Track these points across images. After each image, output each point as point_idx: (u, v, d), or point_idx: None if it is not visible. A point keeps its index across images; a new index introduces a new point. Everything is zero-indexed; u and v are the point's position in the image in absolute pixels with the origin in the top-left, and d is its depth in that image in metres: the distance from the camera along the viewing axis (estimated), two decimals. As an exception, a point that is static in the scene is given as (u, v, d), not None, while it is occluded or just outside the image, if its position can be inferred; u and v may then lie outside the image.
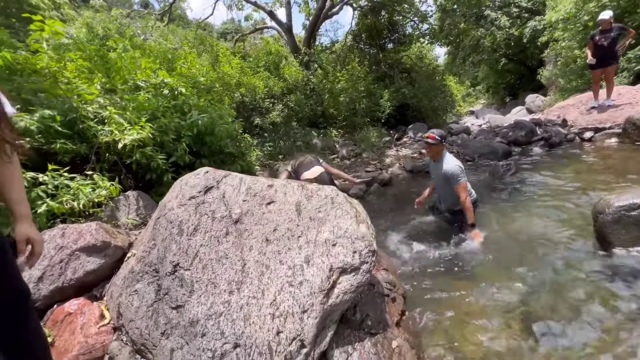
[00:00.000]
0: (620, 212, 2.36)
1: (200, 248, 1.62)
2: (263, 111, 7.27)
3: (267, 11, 10.42)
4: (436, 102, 10.48)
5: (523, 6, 14.62)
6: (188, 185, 1.81)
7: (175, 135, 3.23)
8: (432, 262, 2.77)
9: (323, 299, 1.56)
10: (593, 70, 6.11)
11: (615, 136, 5.30)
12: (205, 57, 8.76)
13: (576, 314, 1.91)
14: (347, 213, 1.82)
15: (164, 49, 5.21)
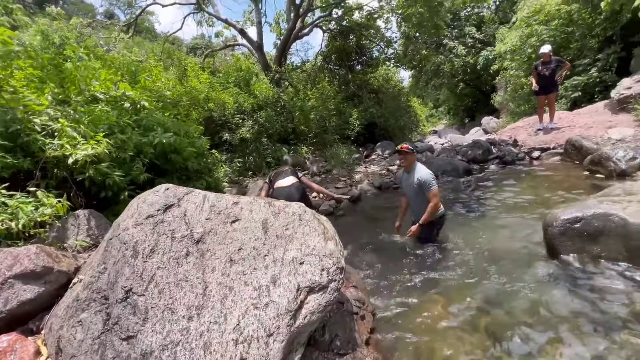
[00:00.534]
0: (566, 225, 2.57)
1: (157, 271, 1.51)
2: (232, 127, 7.16)
3: (238, 29, 10.49)
4: (402, 122, 11.00)
5: (476, 37, 16.12)
6: (146, 203, 1.70)
7: (135, 152, 3.06)
8: (401, 277, 2.81)
9: (290, 321, 1.50)
10: (537, 96, 6.84)
11: (559, 155, 5.87)
12: (173, 71, 8.56)
13: (534, 322, 2.01)
14: (315, 230, 1.80)
15: (128, 61, 5.01)
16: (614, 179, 4.03)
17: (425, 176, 3.01)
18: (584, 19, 8.03)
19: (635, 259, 2.33)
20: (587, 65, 8.05)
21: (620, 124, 5.90)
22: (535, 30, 9.02)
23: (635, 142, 5.08)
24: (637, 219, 2.35)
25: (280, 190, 3.34)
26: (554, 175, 4.99)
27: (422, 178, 3.01)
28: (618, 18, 7.02)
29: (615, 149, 4.44)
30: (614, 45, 7.62)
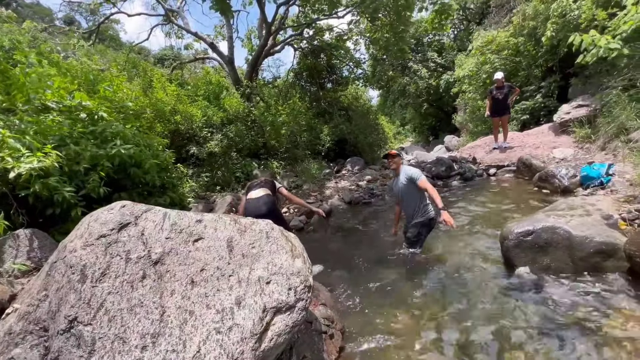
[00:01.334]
0: (519, 238, 2.75)
1: (107, 296, 1.38)
2: (200, 140, 6.95)
3: (209, 43, 10.40)
4: (371, 138, 11.36)
5: (438, 62, 17.35)
6: (98, 222, 1.57)
7: (89, 164, 2.85)
8: (371, 294, 2.82)
9: (255, 345, 1.44)
10: (493, 118, 7.44)
11: (512, 172, 6.35)
12: (138, 81, 8.22)
13: (495, 332, 2.10)
14: (283, 248, 1.76)
15: (86, 69, 4.74)
16: (559, 194, 4.43)
17: (412, 170, 3.25)
18: (529, 50, 8.96)
19: (578, 268, 2.54)
20: (533, 91, 8.93)
21: (563, 145, 6.55)
22: (489, 58, 9.90)
23: (575, 161, 5.65)
24: (579, 231, 2.58)
25: (249, 203, 3.25)
26: (508, 190, 5.37)
27: (410, 172, 3.23)
28: (557, 51, 7.91)
29: (559, 167, 4.89)
30: (554, 75, 8.56)
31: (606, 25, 5.70)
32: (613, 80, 6.16)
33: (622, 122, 5.22)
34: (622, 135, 5.16)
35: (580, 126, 6.39)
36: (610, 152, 5.25)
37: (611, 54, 5.11)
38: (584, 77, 7.47)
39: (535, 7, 8.37)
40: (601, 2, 6.22)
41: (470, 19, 16.80)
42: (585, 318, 2.08)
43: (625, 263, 2.39)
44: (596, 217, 2.82)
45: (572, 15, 6.73)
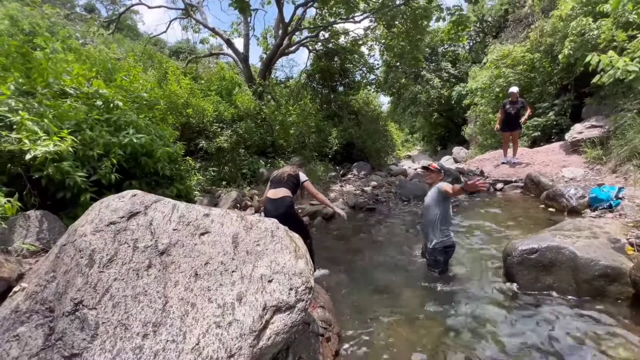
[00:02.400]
0: (523, 255, 2.73)
1: (113, 282, 1.41)
2: (210, 135, 7.01)
3: (225, 39, 10.51)
4: (379, 144, 11.34)
5: (451, 73, 17.28)
6: (109, 208, 1.60)
7: (102, 151, 2.90)
8: (370, 299, 2.81)
9: (253, 342, 1.45)
10: (503, 132, 7.37)
11: (519, 188, 6.29)
12: (152, 73, 8.34)
13: (492, 348, 2.08)
14: (287, 247, 1.78)
15: (105, 58, 4.83)
16: (566, 214, 4.38)
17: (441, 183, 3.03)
18: (544, 67, 8.89)
19: (581, 291, 2.51)
20: (546, 108, 8.84)
21: (573, 164, 6.48)
22: (503, 72, 9.83)
23: (585, 181, 5.58)
24: (585, 253, 2.55)
25: (268, 201, 3.18)
26: (514, 206, 5.32)
27: (439, 185, 3.03)
28: (573, 70, 7.83)
29: (568, 186, 4.84)
30: (569, 93, 8.47)
31: (625, 47, 5.63)
32: (629, 103, 6.08)
33: (636, 145, 5.14)
34: (634, 159, 5.09)
35: (592, 147, 6.32)
36: (621, 175, 5.17)
37: (629, 76, 5.05)
38: (599, 98, 7.37)
39: (553, 24, 8.30)
40: (621, 24, 6.15)
41: (487, 31, 16.72)
42: (585, 342, 2.06)
43: (630, 289, 2.36)
44: (603, 240, 2.79)
45: (591, 34, 6.65)
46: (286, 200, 3.10)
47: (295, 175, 3.28)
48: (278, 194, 3.13)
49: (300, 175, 3.32)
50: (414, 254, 3.64)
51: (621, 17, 6.10)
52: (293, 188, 3.24)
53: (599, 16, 6.72)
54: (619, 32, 6.00)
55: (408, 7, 8.71)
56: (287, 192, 3.16)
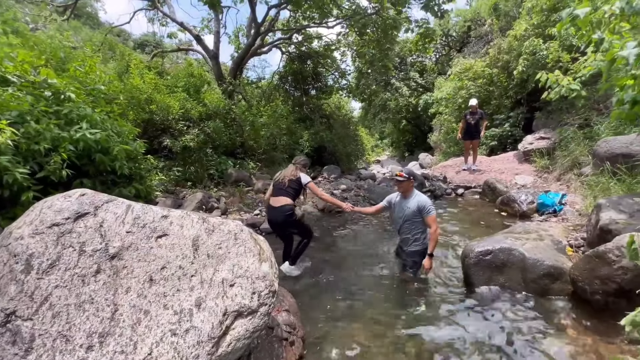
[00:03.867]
0: (479, 257, 2.90)
1: (54, 290, 1.28)
2: (175, 133, 6.70)
3: (194, 35, 10.13)
4: (349, 148, 11.54)
5: (419, 82, 18.11)
6: (52, 209, 1.46)
7: (50, 146, 2.66)
8: (336, 301, 2.83)
9: (212, 349, 1.39)
10: (464, 140, 7.85)
11: (478, 194, 6.71)
12: (113, 65, 7.83)
13: (451, 344, 2.18)
14: (251, 250, 1.73)
15: (57, 45, 4.44)
16: (517, 218, 4.73)
17: (425, 201, 3.02)
18: (501, 82, 9.61)
19: (529, 288, 2.71)
20: (502, 120, 9.56)
21: (524, 172, 7.04)
22: (465, 84, 10.49)
23: (534, 188, 6.08)
24: (532, 254, 2.76)
25: (269, 208, 3.25)
26: (473, 210, 5.66)
27: (423, 203, 3.00)
28: (526, 85, 8.55)
29: (519, 193, 5.25)
30: (522, 107, 9.23)
31: (569, 68, 6.25)
32: (571, 118, 6.75)
33: (576, 156, 5.71)
34: (575, 168, 5.64)
35: (540, 156, 6.91)
36: (564, 183, 5.71)
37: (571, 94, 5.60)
38: (547, 112, 8.11)
39: (509, 43, 9.01)
40: (566, 46, 6.82)
41: (451, 45, 17.74)
42: (529, 336, 2.23)
43: (570, 287, 2.59)
44: (547, 242, 3.04)
45: (541, 54, 7.31)
46: (285, 209, 3.14)
47: (297, 180, 3.24)
48: (278, 202, 3.17)
49: (302, 178, 3.26)
50: (380, 257, 3.72)
51: (566, 41, 6.77)
52: (294, 194, 3.25)
53: (548, 38, 7.41)
54: (564, 54, 6.65)
55: (379, 17, 8.99)
56: (287, 200, 3.17)
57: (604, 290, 2.25)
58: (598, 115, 6.31)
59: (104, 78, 4.20)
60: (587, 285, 2.35)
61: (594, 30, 2.76)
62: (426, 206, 2.99)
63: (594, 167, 4.82)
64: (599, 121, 5.92)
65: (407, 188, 3.14)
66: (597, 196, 3.76)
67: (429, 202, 3.03)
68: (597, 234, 2.78)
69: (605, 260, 2.24)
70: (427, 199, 3.09)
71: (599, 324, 2.21)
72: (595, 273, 2.30)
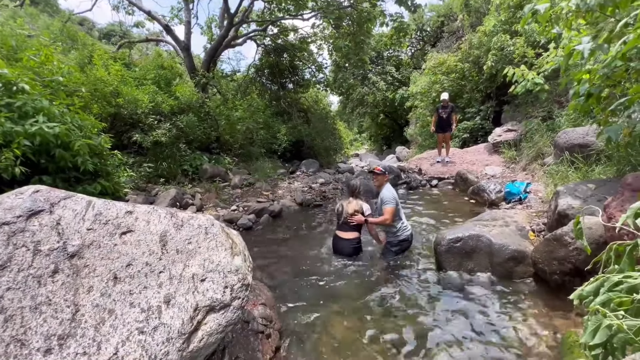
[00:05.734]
0: (450, 244, 3.02)
1: (5, 293, 1.20)
2: (145, 128, 6.40)
3: (163, 24, 9.67)
4: (327, 142, 11.55)
5: (395, 77, 18.38)
6: (2, 207, 1.36)
7: (2, 141, 2.46)
8: (313, 294, 2.85)
9: (182, 345, 1.36)
10: (437, 134, 8.09)
11: (451, 184, 6.96)
12: (74, 55, 7.33)
13: (425, 328, 2.26)
14: (222, 245, 1.70)
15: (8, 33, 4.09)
16: (487, 206, 4.96)
17: (386, 194, 3.29)
18: (472, 76, 9.95)
19: (496, 272, 2.86)
20: (474, 113, 9.93)
21: (493, 163, 7.37)
22: (439, 78, 10.77)
23: (502, 178, 6.39)
24: (498, 240, 2.91)
25: (338, 239, 3.47)
26: (446, 200, 5.87)
27: (383, 195, 3.30)
28: (495, 80, 8.91)
29: (489, 182, 5.49)
30: (491, 101, 9.62)
31: (533, 63, 6.57)
32: (536, 111, 7.12)
33: (540, 147, 6.05)
34: (539, 158, 5.98)
35: (508, 148, 7.26)
36: (529, 173, 6.04)
37: (535, 88, 5.91)
38: (514, 106, 8.51)
39: (479, 38, 9.32)
40: (531, 42, 7.16)
41: (426, 40, 18.11)
42: (494, 315, 2.36)
43: (531, 269, 2.76)
44: (512, 228, 3.22)
45: (508, 50, 7.63)
46: (354, 242, 3.42)
47: (361, 212, 3.44)
48: (347, 235, 3.42)
49: (364, 209, 3.46)
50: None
51: (530, 37, 7.10)
52: (359, 227, 3.48)
53: (515, 34, 7.73)
54: (529, 50, 6.98)
55: (354, 10, 8.99)
56: (355, 234, 3.43)
57: (561, 270, 2.41)
58: (559, 108, 6.71)
59: (63, 69, 3.92)
60: (546, 266, 2.52)
61: (553, 25, 2.92)
62: (385, 198, 3.26)
63: (555, 157, 5.13)
64: (560, 114, 6.30)
65: (381, 182, 3.40)
66: (557, 184, 4.01)
67: (389, 195, 3.27)
68: (555, 219, 2.97)
69: (562, 242, 2.40)
70: (389, 193, 3.30)
71: (556, 301, 2.38)
72: (553, 255, 2.47)
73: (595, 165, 3.86)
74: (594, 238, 2.22)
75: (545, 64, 5.84)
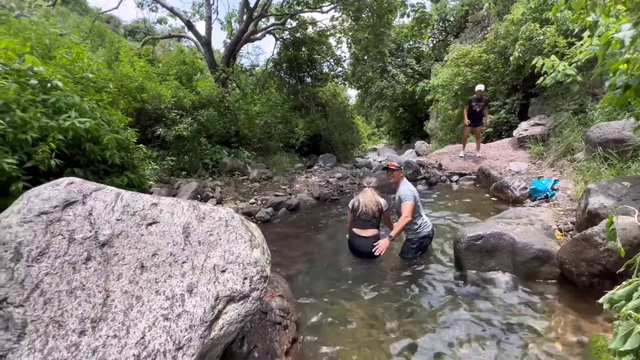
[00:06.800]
0: (470, 242, 2.95)
1: (45, 277, 1.29)
2: (168, 122, 6.62)
3: (185, 20, 9.87)
4: (345, 137, 11.48)
5: (415, 69, 17.91)
6: (40, 197, 1.46)
7: (39, 135, 2.62)
8: (329, 288, 2.87)
9: (204, 332, 1.42)
10: (466, 127, 7.73)
11: (472, 180, 6.75)
12: (102, 52, 7.64)
13: (442, 326, 2.24)
14: (242, 237, 1.75)
15: (42, 32, 4.32)
16: (510, 204, 4.79)
17: (404, 191, 3.18)
18: (498, 68, 9.53)
19: (518, 271, 2.77)
20: (498, 106, 9.52)
21: (518, 159, 7.07)
22: (462, 70, 10.39)
23: (528, 174, 6.12)
24: (522, 238, 2.81)
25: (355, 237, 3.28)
26: (467, 197, 5.71)
27: (401, 191, 3.20)
28: (522, 71, 8.49)
29: (513, 179, 5.29)
30: (518, 93, 9.18)
31: (565, 53, 6.20)
32: (566, 104, 6.74)
33: (570, 142, 5.74)
34: (568, 154, 5.68)
35: (535, 143, 6.93)
36: (557, 169, 5.75)
37: (566, 80, 5.58)
38: (543, 98, 8.08)
39: (507, 28, 8.88)
40: (563, 31, 6.75)
41: (448, 31, 17.47)
42: (516, 316, 2.29)
43: (557, 269, 2.65)
44: (537, 226, 3.09)
45: (538, 39, 7.23)
46: (372, 240, 3.19)
47: (379, 208, 3.29)
48: (366, 233, 3.24)
49: (382, 204, 3.32)
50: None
51: (562, 25, 6.69)
52: (378, 223, 3.33)
53: (545, 22, 7.31)
54: (560, 39, 6.58)
55: (374, 1, 8.80)
56: (374, 231, 3.26)
57: (590, 272, 2.30)
58: (593, 100, 6.31)
59: (92, 66, 4.10)
60: (574, 267, 2.41)
61: (588, 12, 2.74)
62: (402, 195, 3.15)
63: (586, 152, 4.85)
64: (593, 107, 5.93)
65: (398, 178, 3.31)
66: (588, 181, 3.80)
67: (407, 192, 3.16)
68: (585, 218, 2.82)
69: (592, 242, 2.29)
70: (407, 189, 3.20)
71: (583, 304, 2.27)
72: (581, 255, 2.35)
73: (632, 162, 3.63)
74: (627, 239, 2.10)
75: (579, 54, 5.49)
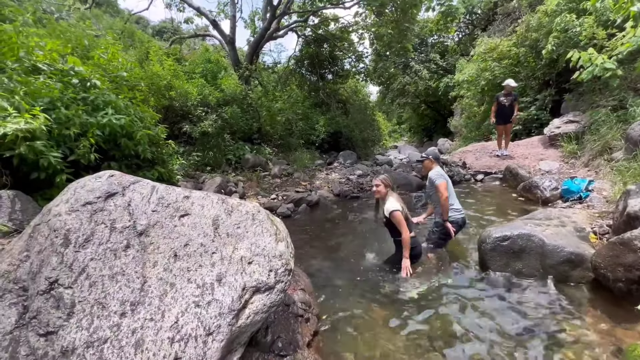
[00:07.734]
0: (496, 242, 2.86)
1: (90, 262, 1.40)
2: (194, 119, 6.86)
3: (211, 19, 10.14)
4: (366, 134, 11.41)
5: (440, 64, 17.41)
6: (85, 189, 1.57)
7: (80, 130, 2.81)
8: (350, 283, 2.90)
9: (232, 320, 1.48)
10: (497, 125, 7.41)
11: (498, 180, 6.51)
12: (134, 52, 8.00)
13: (464, 328, 2.21)
14: (267, 230, 1.80)
15: (81, 34, 4.59)
16: (540, 204, 4.58)
17: (433, 174, 3.32)
18: (529, 62, 9.08)
19: (547, 275, 2.66)
20: (528, 103, 9.09)
21: (549, 158, 6.73)
22: (489, 65, 9.99)
23: (559, 174, 5.82)
24: (552, 240, 2.70)
25: None
26: (492, 197, 5.52)
27: (431, 176, 3.33)
28: (555, 65, 8.04)
29: (543, 179, 5.05)
30: (550, 89, 8.71)
31: (604, 45, 5.81)
32: (604, 100, 6.33)
33: (607, 141, 5.39)
34: (605, 153, 5.34)
35: (568, 141, 6.57)
36: (592, 169, 5.43)
37: (605, 74, 5.23)
38: (578, 94, 7.62)
39: (539, 19, 8.43)
40: (602, 22, 6.32)
41: (475, 24, 16.81)
42: (545, 320, 2.21)
43: (590, 274, 2.52)
44: (569, 228, 2.95)
45: (574, 31, 6.82)
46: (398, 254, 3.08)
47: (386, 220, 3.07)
48: None
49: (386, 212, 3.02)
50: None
51: (602, 15, 6.27)
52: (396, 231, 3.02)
53: (582, 13, 6.87)
54: (599, 30, 6.17)
55: (398, -5, 8.64)
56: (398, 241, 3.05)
57: (627, 277, 2.18)
58: (635, 96, 5.88)
59: (125, 65, 4.32)
60: (610, 272, 2.29)
61: (632, 2, 2.56)
62: (432, 177, 3.30)
63: (626, 151, 4.55)
64: (635, 102, 5.53)
65: (429, 167, 3.45)
66: (627, 182, 3.57)
67: (436, 174, 3.30)
68: (623, 221, 2.66)
69: (631, 247, 2.16)
70: (436, 173, 3.32)
71: (619, 311, 2.16)
72: (619, 260, 2.23)
73: (678, 162, 3.37)
74: (671, 244, 1.97)
75: (620, 46, 5.13)
